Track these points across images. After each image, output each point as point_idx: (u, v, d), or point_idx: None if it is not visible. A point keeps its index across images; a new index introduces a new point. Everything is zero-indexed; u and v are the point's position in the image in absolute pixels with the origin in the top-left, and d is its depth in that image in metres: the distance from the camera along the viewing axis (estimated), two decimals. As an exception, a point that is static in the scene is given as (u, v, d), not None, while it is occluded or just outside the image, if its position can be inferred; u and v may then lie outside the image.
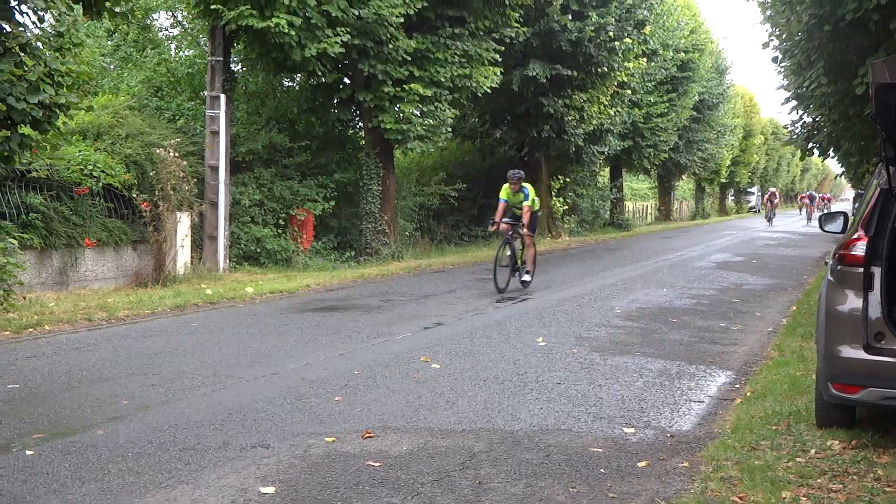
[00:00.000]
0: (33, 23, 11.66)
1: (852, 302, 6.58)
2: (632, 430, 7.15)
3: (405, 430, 6.97)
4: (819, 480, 5.78)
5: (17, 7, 11.23)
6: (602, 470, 6.10)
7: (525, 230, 16.17)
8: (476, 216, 29.39)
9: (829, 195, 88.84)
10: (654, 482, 5.88)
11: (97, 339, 10.94)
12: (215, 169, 18.17)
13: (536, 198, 17.03)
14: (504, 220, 16.34)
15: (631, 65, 30.90)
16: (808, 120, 17.27)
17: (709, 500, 5.42)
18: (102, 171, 15.72)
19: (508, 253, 16.09)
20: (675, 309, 14.45)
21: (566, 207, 34.97)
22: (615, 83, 30.93)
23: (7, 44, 10.78)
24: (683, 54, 40.17)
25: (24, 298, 12.74)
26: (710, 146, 50.56)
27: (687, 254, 26.68)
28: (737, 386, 9.01)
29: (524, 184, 16.50)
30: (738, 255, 26.44)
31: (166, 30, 25.53)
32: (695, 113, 45.40)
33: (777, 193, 61.94)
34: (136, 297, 14.07)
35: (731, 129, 55.52)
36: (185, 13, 23.00)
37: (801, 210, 72.07)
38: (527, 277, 16.48)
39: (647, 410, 7.80)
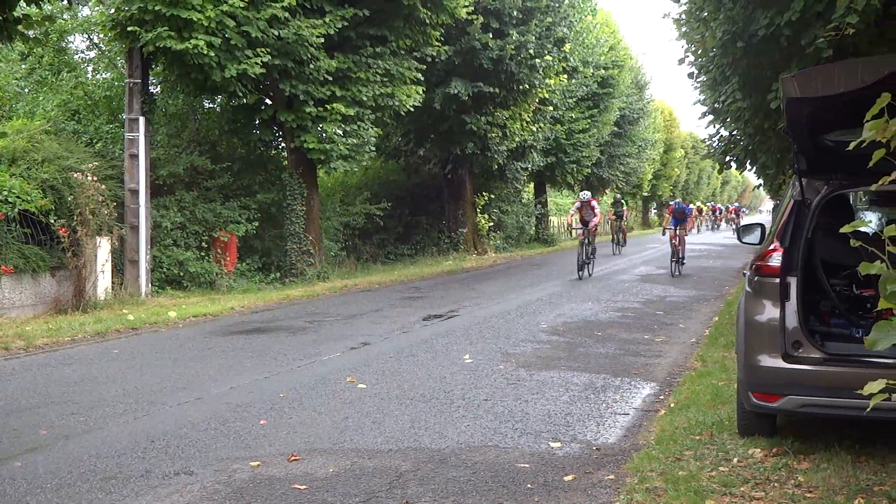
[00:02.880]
0: (-58, 46, 11.40)
1: (770, 312, 6.71)
2: (558, 444, 7.18)
3: (331, 451, 6.92)
4: (742, 489, 5.87)
5: (-76, 30, 10.96)
6: (529, 485, 6.11)
7: None
8: (402, 234, 29.41)
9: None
10: (580, 496, 5.91)
11: (15, 367, 10.68)
12: (135, 192, 17.90)
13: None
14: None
15: (552, 82, 31.19)
16: (725, 133, 17.56)
17: (634, 511, 5.46)
18: (18, 197, 15.37)
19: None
20: (600, 322, 14.60)
21: (491, 224, 35.14)
22: (537, 100, 31.23)
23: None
24: (603, 71, 40.67)
25: (-62, 329, 12.41)
26: (632, 160, 51.20)
27: (611, 267, 26.97)
28: (661, 397, 9.12)
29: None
30: (661, 268, 26.81)
31: (83, 52, 25.08)
32: (616, 128, 45.95)
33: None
34: (55, 325, 13.77)
35: (651, 144, 56.33)
36: (101, 35, 22.63)
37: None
38: None
39: (573, 424, 7.85)
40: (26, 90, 23.59)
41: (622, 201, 41.19)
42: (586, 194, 25.08)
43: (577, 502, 5.77)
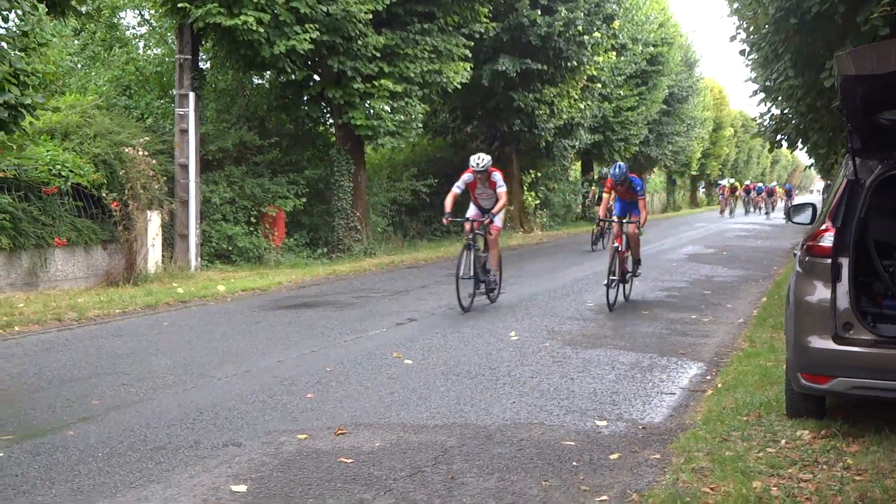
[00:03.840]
0: (-3, 22, 11.57)
1: (821, 293, 6.63)
2: (604, 422, 7.17)
3: (377, 426, 6.97)
4: (789, 470, 5.82)
5: (-20, 7, 11.14)
6: (574, 463, 6.12)
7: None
8: (448, 211, 29.38)
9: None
10: (626, 474, 5.90)
11: (67, 339, 10.86)
12: (185, 167, 18.08)
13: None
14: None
15: (600, 59, 30.97)
16: (777, 112, 17.33)
17: (680, 491, 5.44)
18: (71, 171, 15.60)
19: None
20: (646, 301, 14.52)
21: (538, 202, 35.03)
22: (585, 77, 31.00)
23: (-29, 43, 10.69)
24: (653, 48, 40.26)
25: (-7, 300, 12.66)
26: (681, 139, 50.75)
27: (658, 246, 26.78)
28: (708, 377, 9.06)
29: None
30: (709, 247, 26.60)
31: (134, 28, 25.30)
32: (665, 106, 45.52)
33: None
34: (106, 297, 13.97)
35: (700, 122, 55.73)
36: (152, 11, 22.81)
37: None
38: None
39: (619, 403, 7.84)
40: (79, 66, 23.91)
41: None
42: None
43: (623, 481, 5.76)
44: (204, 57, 21.11)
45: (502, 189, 13.41)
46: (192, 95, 18.23)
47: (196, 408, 7.45)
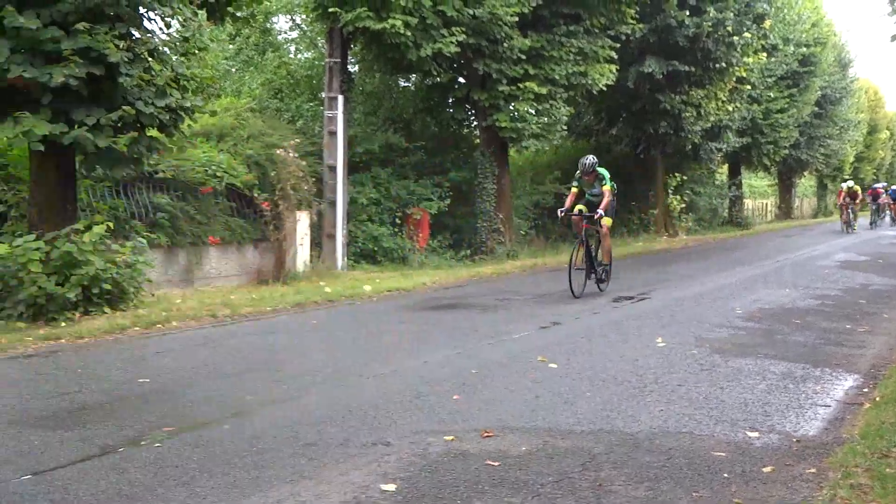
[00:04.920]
0: (160, 28, 12.05)
1: None
2: (756, 434, 6.98)
3: (524, 430, 6.95)
4: (955, 489, 5.56)
5: (145, 14, 11.61)
6: (726, 475, 5.97)
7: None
8: (591, 215, 29.21)
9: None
10: (780, 488, 5.73)
11: (221, 335, 11.22)
12: (333, 169, 18.46)
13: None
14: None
15: (750, 60, 30.24)
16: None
17: (838, 507, 5.26)
18: (225, 172, 16.14)
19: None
20: (798, 309, 14.08)
21: (683, 205, 34.43)
22: (734, 79, 30.29)
23: (136, 49, 11.15)
24: (805, 48, 39.10)
25: (153, 295, 13.19)
26: (833, 142, 49.10)
27: (809, 252, 25.96)
28: (865, 390, 8.72)
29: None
30: (862, 255, 25.63)
31: (285, 33, 26.05)
32: (816, 108, 44.11)
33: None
34: (258, 295, 14.37)
35: (854, 125, 53.81)
36: (303, 16, 23.41)
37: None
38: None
39: (772, 414, 7.61)
40: (234, 69, 24.71)
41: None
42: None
43: (777, 495, 5.59)
44: (352, 60, 21.56)
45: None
46: (340, 98, 18.60)
47: (345, 406, 7.58)
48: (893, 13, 14.83)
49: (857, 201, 40.36)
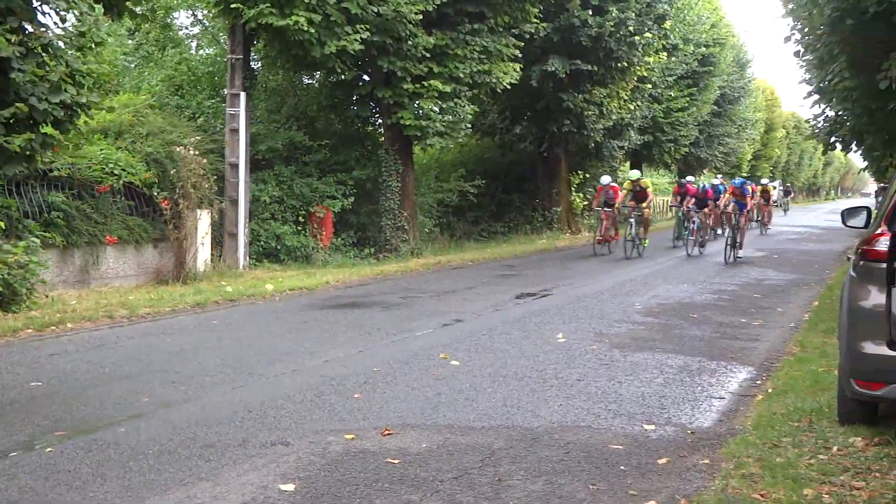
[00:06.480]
0: (55, 23, 11.73)
1: (875, 298, 6.51)
2: (652, 426, 7.12)
3: (424, 427, 6.97)
4: (842, 478, 5.74)
5: (39, 7, 11.29)
6: (622, 467, 6.07)
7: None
8: (495, 212, 29.38)
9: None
10: (674, 479, 5.85)
11: (119, 336, 11.00)
12: (235, 166, 18.23)
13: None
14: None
15: (651, 59, 30.74)
16: (831, 114, 17.15)
17: (730, 497, 5.38)
18: (123, 170, 15.82)
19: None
20: (695, 304, 14.40)
21: (586, 203, 34.86)
22: (635, 78, 30.75)
23: (29, 44, 10.84)
24: (704, 48, 39.91)
25: (47, 296, 12.86)
26: (731, 140, 50.22)
27: (708, 249, 26.51)
28: (758, 382, 8.96)
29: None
30: (759, 250, 26.30)
31: (187, 28, 25.59)
32: (715, 107, 45.08)
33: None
34: (157, 295, 14.13)
35: (752, 123, 55.12)
36: (205, 12, 23.04)
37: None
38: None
39: (668, 407, 7.77)
40: (132, 65, 24.20)
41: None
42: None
43: (672, 486, 5.71)
44: (255, 57, 21.30)
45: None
46: (242, 95, 18.38)
47: (244, 406, 7.51)
48: (787, 15, 15.18)
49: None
